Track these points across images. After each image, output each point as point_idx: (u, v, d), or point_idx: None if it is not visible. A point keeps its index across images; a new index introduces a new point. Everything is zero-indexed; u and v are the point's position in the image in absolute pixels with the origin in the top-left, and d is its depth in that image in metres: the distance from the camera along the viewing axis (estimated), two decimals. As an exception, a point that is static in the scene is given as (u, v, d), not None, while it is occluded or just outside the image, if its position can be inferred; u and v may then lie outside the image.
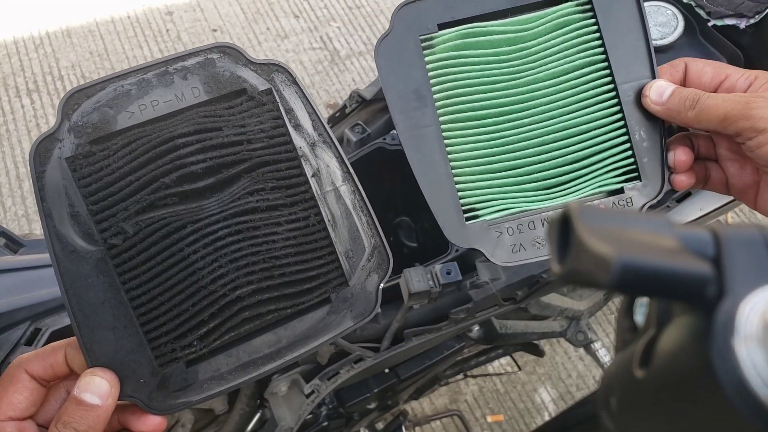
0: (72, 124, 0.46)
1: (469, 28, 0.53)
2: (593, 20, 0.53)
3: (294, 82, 0.50)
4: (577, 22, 0.53)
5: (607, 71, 0.53)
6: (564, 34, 0.53)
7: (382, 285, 0.51)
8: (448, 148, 0.53)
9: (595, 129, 0.52)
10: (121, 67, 2.20)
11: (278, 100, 0.49)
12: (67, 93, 0.46)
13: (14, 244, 0.73)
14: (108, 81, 0.47)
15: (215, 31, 2.33)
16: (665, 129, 0.53)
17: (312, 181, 0.49)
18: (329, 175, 0.50)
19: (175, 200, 0.46)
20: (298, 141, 0.49)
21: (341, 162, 0.51)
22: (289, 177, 0.49)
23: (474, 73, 0.53)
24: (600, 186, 0.52)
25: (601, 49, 0.53)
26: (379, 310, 0.82)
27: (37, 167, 0.45)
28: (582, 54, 0.53)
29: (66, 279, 0.45)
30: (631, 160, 0.53)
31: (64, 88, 2.15)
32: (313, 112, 0.50)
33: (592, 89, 0.53)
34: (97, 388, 0.42)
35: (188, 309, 0.45)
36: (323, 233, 0.49)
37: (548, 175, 0.53)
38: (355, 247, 0.51)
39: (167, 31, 2.32)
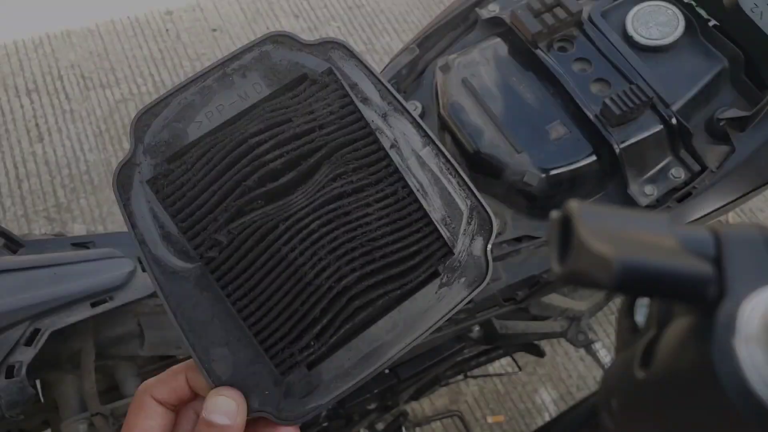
0: (146, 146, 0.46)
1: None
2: None
3: (352, 55, 0.49)
4: None
5: None
6: None
7: (489, 246, 0.49)
8: None
9: None
10: (120, 67, 2.21)
11: (340, 77, 0.48)
12: (135, 116, 0.46)
13: (14, 244, 0.73)
14: (171, 96, 0.47)
15: (215, 30, 2.33)
16: None
17: (392, 153, 0.48)
18: (408, 143, 0.49)
19: (262, 202, 0.46)
20: (369, 114, 0.48)
21: (417, 127, 0.49)
22: (368, 154, 0.47)
23: None
24: None
25: None
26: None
27: (122, 196, 0.45)
28: None
29: (171, 302, 0.44)
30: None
31: (64, 88, 2.15)
32: (378, 82, 0.49)
33: None
34: (225, 408, 0.41)
35: (298, 309, 0.44)
36: (415, 205, 0.47)
37: None
38: (452, 212, 0.48)
39: (167, 30, 2.32)
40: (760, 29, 0.81)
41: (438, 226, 0.47)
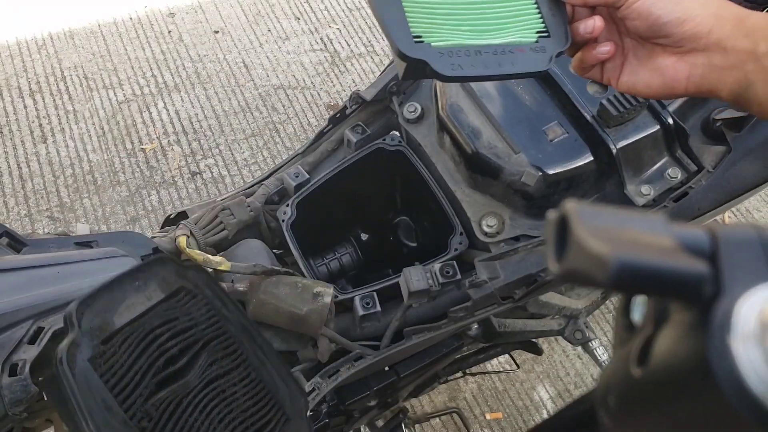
0: (83, 331, 0.59)
1: None
2: None
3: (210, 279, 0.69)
4: None
5: None
6: None
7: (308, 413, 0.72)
8: None
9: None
10: (123, 68, 2.21)
11: (206, 289, 0.68)
12: (73, 306, 0.59)
13: (17, 243, 0.74)
14: (99, 292, 0.61)
15: (217, 32, 2.34)
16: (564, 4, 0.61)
17: (243, 344, 0.68)
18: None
19: (170, 379, 0.62)
20: (227, 316, 0.68)
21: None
22: (228, 347, 0.67)
23: None
24: (520, 37, 0.62)
25: None
26: (379, 309, 0.83)
27: (71, 372, 0.57)
28: None
29: None
30: (542, 23, 0.62)
31: (67, 89, 2.15)
32: (227, 299, 0.69)
33: None
34: None
35: None
36: (261, 385, 0.68)
37: (482, 22, 0.62)
38: (277, 391, 0.69)
39: (169, 32, 2.32)
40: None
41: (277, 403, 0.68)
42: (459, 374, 1.29)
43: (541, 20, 0.62)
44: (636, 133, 0.82)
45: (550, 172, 0.82)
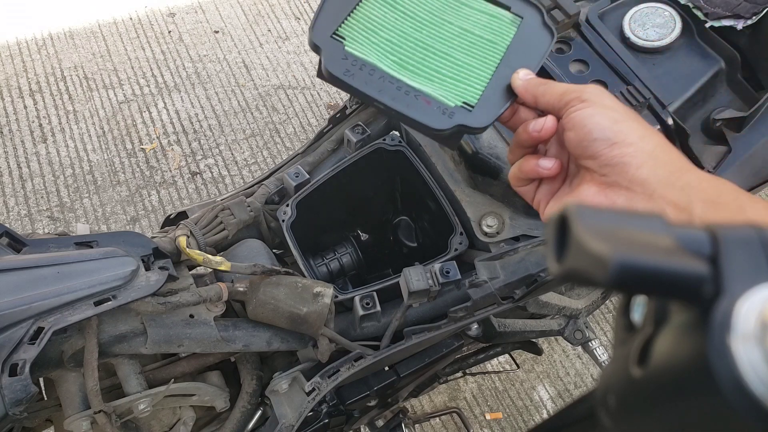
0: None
1: None
2: (514, 30, 0.63)
3: None
4: (503, 19, 0.64)
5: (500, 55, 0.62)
6: (489, 15, 0.64)
7: None
8: None
9: (468, 59, 0.61)
10: (123, 68, 2.21)
11: None
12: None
13: (17, 243, 0.73)
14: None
15: (217, 32, 2.34)
16: (513, 101, 0.59)
17: None
18: None
19: None
20: None
21: None
22: None
23: None
24: (440, 95, 0.59)
25: (504, 44, 0.62)
26: (379, 309, 0.83)
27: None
28: (489, 32, 0.63)
29: None
30: (475, 98, 0.59)
31: (67, 89, 2.15)
32: None
33: (480, 49, 0.62)
34: None
35: None
36: None
37: (415, 64, 0.61)
38: None
39: (169, 32, 2.32)
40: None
41: None
42: (459, 374, 1.29)
43: (477, 95, 0.59)
44: (636, 133, 0.82)
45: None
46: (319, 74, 0.61)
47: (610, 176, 0.48)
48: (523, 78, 0.57)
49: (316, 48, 0.59)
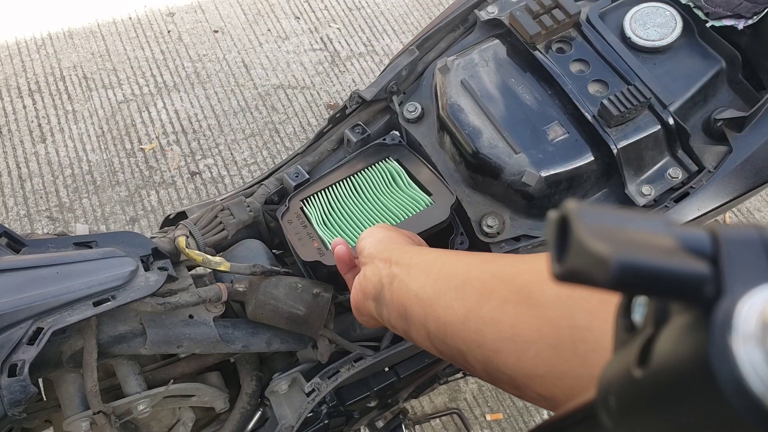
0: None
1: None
2: (422, 208, 0.86)
3: None
4: (420, 201, 0.87)
5: None
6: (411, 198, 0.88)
7: None
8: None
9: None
10: (122, 68, 2.21)
11: None
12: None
13: (16, 243, 0.73)
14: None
15: (216, 32, 2.34)
16: None
17: None
18: None
19: None
20: None
21: None
22: None
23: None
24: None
25: (403, 217, 0.86)
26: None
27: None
28: (402, 209, 0.87)
29: None
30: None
31: (66, 89, 2.15)
32: None
33: (385, 220, 0.86)
34: None
35: None
36: None
37: (337, 225, 0.87)
38: None
39: (168, 32, 2.32)
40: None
41: None
42: (459, 375, 1.29)
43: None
44: (637, 133, 0.82)
45: (551, 172, 0.82)
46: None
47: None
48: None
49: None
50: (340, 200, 0.89)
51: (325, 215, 0.87)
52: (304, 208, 0.88)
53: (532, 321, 0.42)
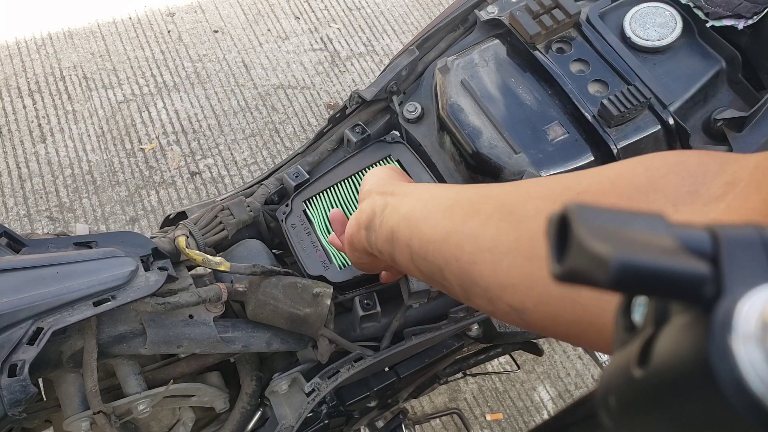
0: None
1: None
2: None
3: None
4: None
5: None
6: None
7: None
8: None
9: None
10: (122, 68, 2.21)
11: None
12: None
13: (16, 243, 0.73)
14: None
15: (216, 32, 2.34)
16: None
17: None
18: None
19: None
20: None
21: None
22: None
23: None
24: (333, 251, 0.87)
25: None
26: (379, 309, 0.83)
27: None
28: None
29: None
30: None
31: (66, 89, 2.15)
32: None
33: None
34: None
35: None
36: None
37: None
38: None
39: (168, 32, 2.32)
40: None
41: None
42: (459, 375, 1.29)
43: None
44: (637, 133, 0.82)
45: (551, 172, 0.82)
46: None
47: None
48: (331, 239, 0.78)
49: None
50: (344, 204, 0.89)
51: (328, 221, 0.87)
52: (307, 210, 0.89)
53: (510, 233, 0.43)
